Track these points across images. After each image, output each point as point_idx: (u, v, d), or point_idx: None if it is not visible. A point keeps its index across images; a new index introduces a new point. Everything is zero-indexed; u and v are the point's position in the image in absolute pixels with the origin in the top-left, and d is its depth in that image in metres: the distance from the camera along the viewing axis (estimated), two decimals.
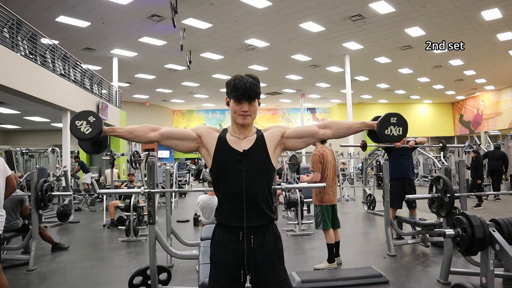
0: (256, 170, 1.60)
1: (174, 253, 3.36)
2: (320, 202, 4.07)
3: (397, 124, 1.71)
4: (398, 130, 1.71)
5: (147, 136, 1.70)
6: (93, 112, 1.68)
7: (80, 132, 1.64)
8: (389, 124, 1.70)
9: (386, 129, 1.70)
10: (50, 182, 4.76)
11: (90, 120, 1.65)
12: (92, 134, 1.65)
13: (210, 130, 1.68)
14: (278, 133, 1.68)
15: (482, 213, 7.36)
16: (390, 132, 1.70)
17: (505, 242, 2.28)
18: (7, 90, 7.85)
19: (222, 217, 1.63)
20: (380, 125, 1.71)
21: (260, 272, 1.59)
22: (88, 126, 1.64)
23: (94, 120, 1.65)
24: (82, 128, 1.64)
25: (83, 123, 1.64)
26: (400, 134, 1.71)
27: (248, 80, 1.58)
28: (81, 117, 1.65)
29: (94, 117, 1.66)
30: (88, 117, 1.65)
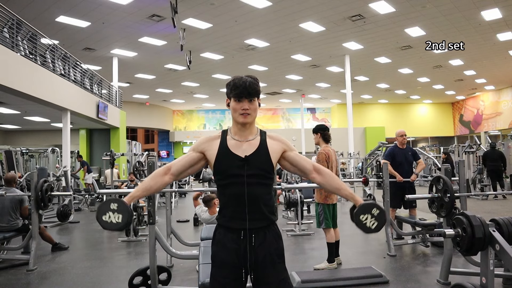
0: (257, 174, 1.61)
1: (174, 253, 3.36)
2: (325, 201, 4.07)
3: (375, 218, 1.61)
4: (372, 223, 1.61)
5: (164, 183, 1.69)
6: (110, 200, 1.59)
7: (114, 224, 1.56)
8: (369, 213, 1.61)
9: (363, 214, 1.61)
10: (50, 182, 4.75)
11: (113, 207, 1.56)
12: (125, 218, 1.57)
13: (210, 142, 1.68)
14: (280, 148, 1.69)
15: (482, 213, 7.36)
16: (365, 219, 1.61)
17: (505, 242, 2.28)
18: (7, 90, 7.84)
19: (224, 219, 1.65)
20: (360, 207, 1.62)
21: (261, 271, 1.60)
22: (116, 213, 1.56)
23: (117, 205, 1.56)
24: (113, 219, 1.56)
25: (109, 215, 1.56)
26: (371, 228, 1.61)
27: (247, 79, 1.61)
28: (104, 211, 1.56)
29: (114, 202, 1.57)
30: (110, 206, 1.56)
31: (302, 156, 1.75)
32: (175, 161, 1.72)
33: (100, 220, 1.55)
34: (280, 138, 1.72)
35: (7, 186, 4.88)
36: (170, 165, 1.70)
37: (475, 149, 11.24)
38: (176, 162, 1.72)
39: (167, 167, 1.70)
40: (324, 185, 1.72)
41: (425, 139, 28.29)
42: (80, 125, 14.24)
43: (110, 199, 1.58)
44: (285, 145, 1.71)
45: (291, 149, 1.72)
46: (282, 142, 1.71)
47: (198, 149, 1.69)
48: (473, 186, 10.59)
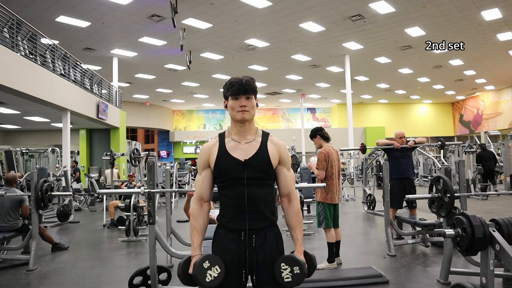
0: (257, 177, 1.61)
1: (174, 253, 3.36)
2: (324, 200, 4.07)
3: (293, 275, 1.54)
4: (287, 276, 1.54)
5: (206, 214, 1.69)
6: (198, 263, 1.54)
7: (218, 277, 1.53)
8: (291, 266, 1.55)
9: (285, 264, 1.56)
10: (50, 182, 4.76)
11: (207, 266, 1.53)
12: (221, 263, 1.55)
13: (209, 150, 1.67)
14: (277, 157, 1.66)
15: (482, 213, 7.36)
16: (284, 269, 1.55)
17: (505, 242, 2.28)
18: (7, 90, 7.84)
19: (224, 220, 1.65)
20: (288, 257, 1.57)
21: (262, 271, 1.60)
22: (212, 267, 1.54)
23: (208, 261, 1.54)
24: (214, 274, 1.53)
25: (208, 274, 1.53)
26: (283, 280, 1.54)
27: (243, 77, 1.64)
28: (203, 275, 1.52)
29: (204, 261, 1.53)
30: (204, 266, 1.53)
31: (290, 176, 1.70)
32: (199, 189, 1.68)
33: (207, 284, 1.52)
34: (280, 146, 1.69)
35: (7, 186, 4.88)
36: (199, 195, 1.68)
37: (475, 149, 11.25)
38: (201, 189, 1.68)
39: (198, 199, 1.68)
40: (285, 214, 1.71)
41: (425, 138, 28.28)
42: (80, 125, 14.24)
43: (196, 262, 1.54)
44: (282, 157, 1.68)
45: (284, 163, 1.69)
46: (280, 152, 1.68)
47: (206, 165, 1.68)
48: (473, 186, 10.59)
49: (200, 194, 1.68)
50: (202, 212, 1.67)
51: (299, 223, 1.69)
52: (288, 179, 1.70)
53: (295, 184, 1.76)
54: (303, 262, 1.57)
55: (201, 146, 1.70)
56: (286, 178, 1.69)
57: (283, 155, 1.68)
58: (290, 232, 1.69)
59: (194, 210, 1.68)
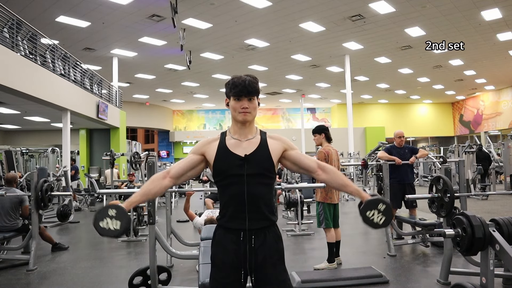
0: (257, 174, 1.60)
1: (174, 253, 3.36)
2: (324, 200, 4.07)
3: (382, 213, 1.58)
4: (380, 218, 1.59)
5: (163, 187, 1.65)
6: (108, 206, 1.54)
7: (112, 231, 1.51)
8: (375, 208, 1.58)
9: (369, 210, 1.58)
10: (50, 182, 4.76)
11: (111, 214, 1.51)
12: (124, 225, 1.52)
13: (209, 144, 1.67)
14: (281, 148, 1.67)
15: (482, 213, 7.36)
16: (371, 215, 1.59)
17: (505, 242, 2.28)
18: (7, 90, 7.84)
19: (223, 219, 1.64)
20: (367, 203, 1.60)
21: (261, 273, 1.59)
22: (114, 220, 1.51)
23: (115, 211, 1.52)
24: (111, 226, 1.51)
25: (107, 221, 1.51)
26: (379, 224, 1.59)
27: (246, 78, 1.61)
28: (101, 218, 1.51)
29: (112, 208, 1.52)
30: (108, 212, 1.51)
31: (304, 154, 1.74)
32: (174, 164, 1.71)
33: (97, 227, 1.50)
34: (280, 137, 1.71)
35: (7, 186, 4.88)
36: (170, 169, 1.67)
37: (475, 149, 11.25)
38: (175, 165, 1.70)
39: (166, 171, 1.67)
40: (330, 182, 1.69)
41: (425, 139, 28.29)
42: (80, 125, 14.24)
43: (108, 205, 1.54)
44: (286, 144, 1.69)
45: (292, 147, 1.70)
46: (282, 141, 1.69)
47: (198, 152, 1.67)
48: (473, 186, 10.59)
49: (172, 169, 1.67)
50: (160, 182, 1.64)
51: (347, 179, 1.69)
52: (305, 156, 1.72)
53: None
54: (379, 198, 1.60)
55: None
56: (302, 157, 1.71)
57: (287, 143, 1.70)
58: (345, 190, 1.68)
59: (155, 176, 1.66)
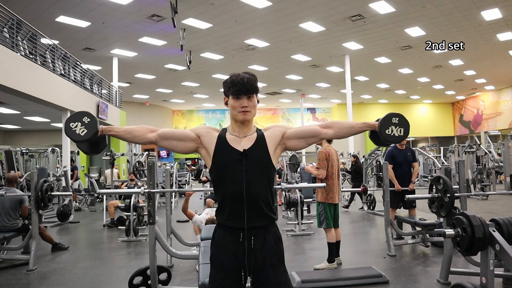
0: (256, 169, 1.58)
1: (174, 253, 3.36)
2: (325, 200, 4.07)
3: (398, 125, 1.68)
4: (399, 130, 1.68)
5: (146, 137, 1.67)
6: (88, 113, 1.63)
7: (75, 134, 1.60)
8: (391, 124, 1.68)
9: (387, 129, 1.68)
10: (50, 182, 4.76)
11: (84, 121, 1.61)
12: (87, 135, 1.61)
13: (209, 130, 1.67)
14: (279, 133, 1.67)
15: (482, 213, 7.36)
16: (391, 132, 1.68)
17: (505, 242, 2.28)
18: (7, 90, 7.84)
19: (222, 217, 1.62)
20: (381, 124, 1.69)
21: (261, 273, 1.58)
22: (83, 127, 1.60)
23: (89, 120, 1.61)
24: (77, 130, 1.60)
25: (77, 124, 1.60)
26: (401, 135, 1.69)
27: (244, 76, 1.58)
28: (76, 119, 1.61)
29: (88, 117, 1.61)
30: (83, 118, 1.61)
31: (304, 126, 1.75)
32: (167, 129, 1.72)
33: (67, 126, 1.59)
34: (274, 125, 1.72)
35: (8, 186, 4.88)
36: (161, 129, 1.70)
37: (475, 149, 11.26)
38: (168, 128, 1.71)
39: (157, 128, 1.69)
40: (339, 133, 1.72)
41: (425, 139, 28.29)
42: None
43: (89, 113, 1.61)
44: (281, 127, 1.69)
45: (288, 128, 1.71)
46: (277, 127, 1.70)
47: (195, 131, 1.67)
48: (473, 186, 10.59)
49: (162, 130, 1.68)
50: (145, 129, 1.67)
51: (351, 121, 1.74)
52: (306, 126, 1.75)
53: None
54: (388, 114, 1.70)
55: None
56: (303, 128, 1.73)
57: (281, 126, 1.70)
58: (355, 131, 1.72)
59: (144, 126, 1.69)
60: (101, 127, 1.65)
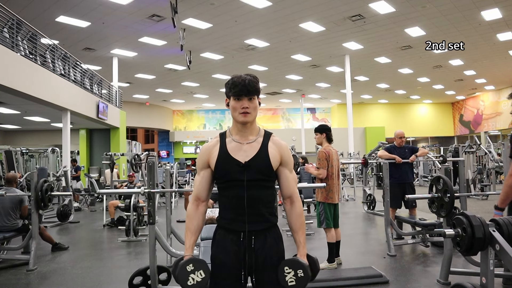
0: (257, 179, 1.59)
1: (174, 253, 3.36)
2: (325, 200, 4.07)
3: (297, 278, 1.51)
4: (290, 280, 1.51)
5: (203, 215, 1.66)
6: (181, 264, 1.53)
7: (200, 282, 1.50)
8: (294, 270, 1.52)
9: (289, 268, 1.52)
10: (50, 182, 4.76)
11: (190, 269, 1.51)
12: (206, 269, 1.52)
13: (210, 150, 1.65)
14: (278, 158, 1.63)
15: (482, 213, 7.36)
16: (287, 272, 1.52)
17: (505, 242, 2.28)
18: (7, 90, 7.84)
19: (224, 221, 1.63)
20: (292, 260, 1.55)
21: (261, 274, 1.58)
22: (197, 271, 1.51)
23: (192, 265, 1.52)
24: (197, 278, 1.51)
25: (192, 277, 1.50)
26: (287, 284, 1.51)
27: (246, 77, 1.58)
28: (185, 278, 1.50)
29: (188, 264, 1.52)
30: (187, 269, 1.51)
31: (292, 178, 1.68)
32: (198, 189, 1.66)
33: (188, 287, 1.50)
34: (282, 147, 1.66)
35: (8, 186, 4.88)
36: (197, 194, 1.66)
37: (475, 149, 11.25)
38: (199, 189, 1.66)
39: (195, 198, 1.66)
40: (288, 216, 1.67)
41: (425, 139, 28.29)
42: (80, 125, 14.24)
43: (180, 264, 1.53)
44: (283, 158, 1.65)
45: (286, 164, 1.66)
46: (282, 153, 1.64)
47: (205, 165, 1.66)
48: (473, 186, 10.59)
49: (198, 194, 1.66)
50: (197, 212, 1.65)
51: (302, 225, 1.66)
52: (290, 180, 1.67)
53: (297, 185, 1.73)
54: (306, 265, 1.54)
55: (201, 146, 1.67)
56: (288, 179, 1.66)
57: (285, 156, 1.65)
58: (293, 235, 1.66)
59: (190, 210, 1.66)
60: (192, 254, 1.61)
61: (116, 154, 9.48)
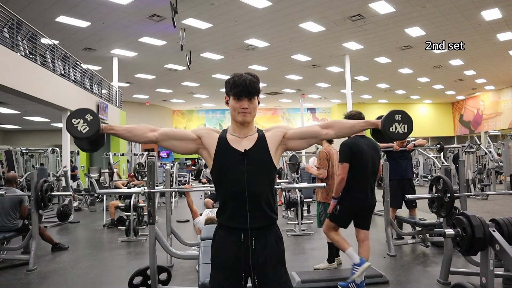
0: (257, 169, 1.58)
1: (174, 253, 3.36)
2: (325, 199, 4.07)
3: (402, 121, 1.68)
4: (403, 127, 1.67)
5: (146, 136, 1.66)
6: (90, 110, 1.62)
7: (77, 131, 1.59)
8: (394, 121, 1.67)
9: (391, 127, 1.67)
10: (50, 182, 4.76)
11: (87, 118, 1.59)
12: (89, 133, 1.59)
13: (209, 131, 1.67)
14: (280, 134, 1.66)
15: (482, 213, 7.36)
16: (395, 129, 1.67)
17: (505, 242, 2.28)
18: (7, 90, 7.84)
19: (224, 217, 1.62)
20: (385, 122, 1.68)
21: (261, 274, 1.58)
22: (86, 124, 1.59)
23: (91, 118, 1.60)
24: (79, 127, 1.58)
25: (80, 121, 1.59)
26: (405, 132, 1.68)
27: (247, 77, 1.58)
28: (78, 115, 1.60)
29: (91, 115, 1.60)
30: (85, 115, 1.60)
31: (304, 126, 1.75)
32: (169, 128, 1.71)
33: (68, 121, 1.58)
34: (275, 126, 1.72)
35: (7, 186, 4.88)
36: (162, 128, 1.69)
37: (475, 149, 11.25)
38: (169, 128, 1.71)
39: (157, 128, 1.69)
40: (340, 133, 1.71)
41: (425, 139, 28.22)
42: None
43: (91, 111, 1.60)
44: (282, 128, 1.70)
45: (289, 128, 1.70)
46: (278, 128, 1.70)
47: (196, 132, 1.67)
48: (473, 186, 10.60)
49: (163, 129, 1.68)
50: (145, 129, 1.67)
51: (351, 121, 1.73)
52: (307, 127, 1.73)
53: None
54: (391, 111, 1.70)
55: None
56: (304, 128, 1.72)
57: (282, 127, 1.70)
58: (356, 130, 1.72)
59: (145, 125, 1.68)
60: (101, 126, 1.65)
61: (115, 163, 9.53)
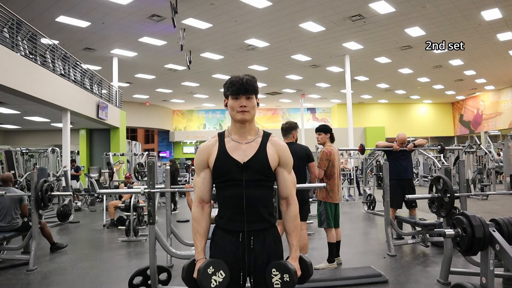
0: (256, 179, 1.58)
1: (174, 253, 3.35)
2: (326, 199, 4.07)
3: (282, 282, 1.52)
4: (276, 283, 1.52)
5: (208, 216, 1.65)
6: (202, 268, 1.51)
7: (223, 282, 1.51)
8: (282, 273, 1.52)
9: (276, 271, 1.53)
10: (50, 182, 4.75)
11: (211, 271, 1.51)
12: (226, 269, 1.52)
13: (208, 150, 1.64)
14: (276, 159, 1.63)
15: (482, 213, 7.36)
16: (274, 275, 1.53)
17: (505, 242, 2.28)
18: (7, 90, 7.84)
19: (222, 221, 1.63)
20: (280, 264, 1.55)
21: (260, 274, 1.58)
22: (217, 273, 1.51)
23: (212, 266, 1.51)
24: (218, 279, 1.51)
25: (214, 279, 1.50)
26: (273, 286, 1.52)
27: (244, 76, 1.60)
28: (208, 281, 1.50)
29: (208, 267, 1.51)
30: (208, 272, 1.51)
31: (290, 179, 1.67)
32: (200, 190, 1.64)
33: (204, 270, 1.50)
34: (281, 148, 1.65)
35: (4, 186, 4.86)
36: (200, 197, 1.64)
37: (475, 149, 11.26)
38: (202, 190, 1.64)
39: (199, 201, 1.64)
40: (283, 218, 1.67)
41: (425, 139, 28.26)
42: (80, 125, 14.24)
43: (201, 268, 1.51)
44: (282, 158, 1.64)
45: (285, 165, 1.65)
46: (280, 153, 1.64)
47: (205, 165, 1.64)
48: (473, 186, 10.60)
49: (201, 196, 1.64)
50: (204, 215, 1.64)
51: (296, 228, 1.64)
52: (288, 182, 1.65)
53: (295, 188, 1.71)
54: (294, 271, 1.52)
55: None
56: (285, 181, 1.65)
57: (283, 157, 1.64)
58: (286, 237, 1.65)
59: (196, 213, 1.64)
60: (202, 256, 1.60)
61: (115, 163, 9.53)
